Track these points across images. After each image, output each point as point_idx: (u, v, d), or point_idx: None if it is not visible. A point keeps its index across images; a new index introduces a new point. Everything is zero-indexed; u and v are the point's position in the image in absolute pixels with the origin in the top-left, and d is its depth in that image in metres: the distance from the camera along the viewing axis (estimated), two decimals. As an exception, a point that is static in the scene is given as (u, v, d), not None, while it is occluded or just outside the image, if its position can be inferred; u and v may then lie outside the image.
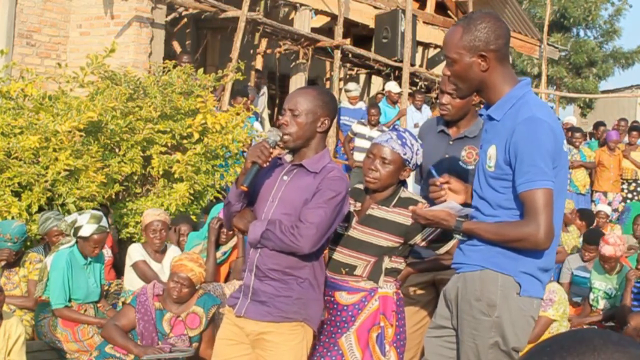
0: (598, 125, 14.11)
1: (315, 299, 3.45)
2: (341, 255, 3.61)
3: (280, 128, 3.43)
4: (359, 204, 3.68)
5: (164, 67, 8.20)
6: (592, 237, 7.66)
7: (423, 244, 3.60)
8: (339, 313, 3.58)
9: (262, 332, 3.41)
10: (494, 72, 3.09)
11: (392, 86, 12.73)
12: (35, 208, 6.47)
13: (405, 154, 3.60)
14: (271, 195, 3.44)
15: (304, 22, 12.16)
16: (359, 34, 14.31)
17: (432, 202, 3.44)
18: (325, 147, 3.52)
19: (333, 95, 3.70)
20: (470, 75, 3.10)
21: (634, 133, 12.42)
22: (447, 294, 3.29)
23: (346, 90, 12.70)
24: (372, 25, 13.34)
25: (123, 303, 5.76)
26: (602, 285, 7.12)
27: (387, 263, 3.58)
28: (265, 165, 3.37)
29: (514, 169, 3.00)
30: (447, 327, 3.32)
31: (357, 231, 3.60)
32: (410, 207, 3.37)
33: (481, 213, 3.15)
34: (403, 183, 3.69)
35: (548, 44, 16.34)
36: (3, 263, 5.81)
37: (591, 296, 7.19)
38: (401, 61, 12.81)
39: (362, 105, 12.70)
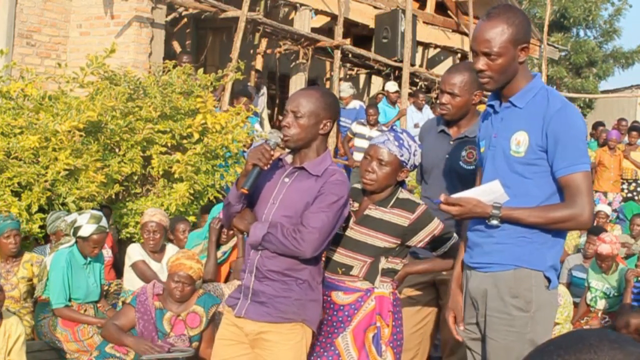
0: (597, 125, 14.11)
1: (314, 299, 3.45)
2: (338, 255, 3.60)
3: (282, 130, 3.42)
4: (356, 204, 3.67)
5: (164, 67, 8.21)
6: (596, 230, 7.73)
7: (421, 244, 3.60)
8: (335, 313, 3.58)
9: (261, 331, 3.42)
10: (524, 63, 3.23)
11: (389, 86, 12.73)
12: (35, 208, 6.47)
13: (402, 155, 3.57)
14: (272, 197, 3.44)
15: (304, 22, 12.17)
16: (359, 34, 14.31)
17: (432, 202, 3.42)
18: (327, 150, 3.50)
19: (335, 97, 3.68)
20: (512, 68, 3.19)
21: (634, 133, 12.43)
22: (471, 292, 3.32)
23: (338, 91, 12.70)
24: (372, 25, 13.34)
25: (123, 303, 5.76)
26: (599, 285, 7.11)
27: (384, 264, 3.57)
28: (266, 167, 3.37)
29: (554, 154, 3.10)
30: (473, 324, 3.37)
31: (354, 231, 3.60)
32: (442, 197, 3.23)
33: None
34: (401, 184, 3.68)
35: (548, 44, 16.33)
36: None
37: (589, 296, 7.18)
38: (401, 61, 12.81)
39: (355, 105, 12.66)
